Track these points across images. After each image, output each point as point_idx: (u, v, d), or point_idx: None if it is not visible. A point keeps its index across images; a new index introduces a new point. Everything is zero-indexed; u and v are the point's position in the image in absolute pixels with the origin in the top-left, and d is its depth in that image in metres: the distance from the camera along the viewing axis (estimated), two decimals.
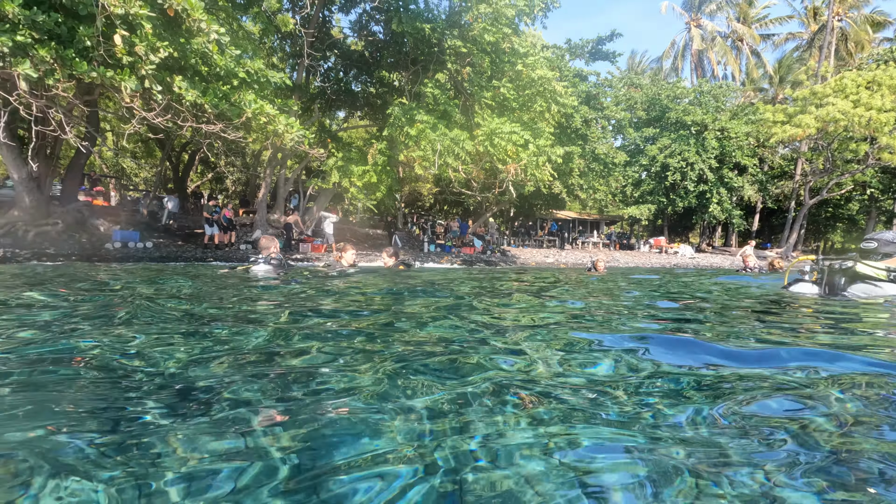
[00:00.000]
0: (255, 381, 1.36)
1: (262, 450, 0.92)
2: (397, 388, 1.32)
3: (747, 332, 2.22)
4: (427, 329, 2.27)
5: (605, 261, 10.25)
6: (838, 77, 25.87)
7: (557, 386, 1.35)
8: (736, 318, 2.57)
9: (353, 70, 18.00)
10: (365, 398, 1.24)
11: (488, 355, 1.69)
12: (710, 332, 2.24)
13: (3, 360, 1.55)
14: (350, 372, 1.48)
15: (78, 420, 1.08)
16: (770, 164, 35.38)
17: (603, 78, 29.28)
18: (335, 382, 1.39)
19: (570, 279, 7.17)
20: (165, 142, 20.05)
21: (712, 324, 2.48)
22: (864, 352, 1.76)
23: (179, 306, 2.93)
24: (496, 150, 13.71)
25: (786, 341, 1.98)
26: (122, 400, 1.24)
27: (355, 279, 5.35)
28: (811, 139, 26.83)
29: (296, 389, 1.31)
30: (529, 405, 1.18)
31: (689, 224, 38.59)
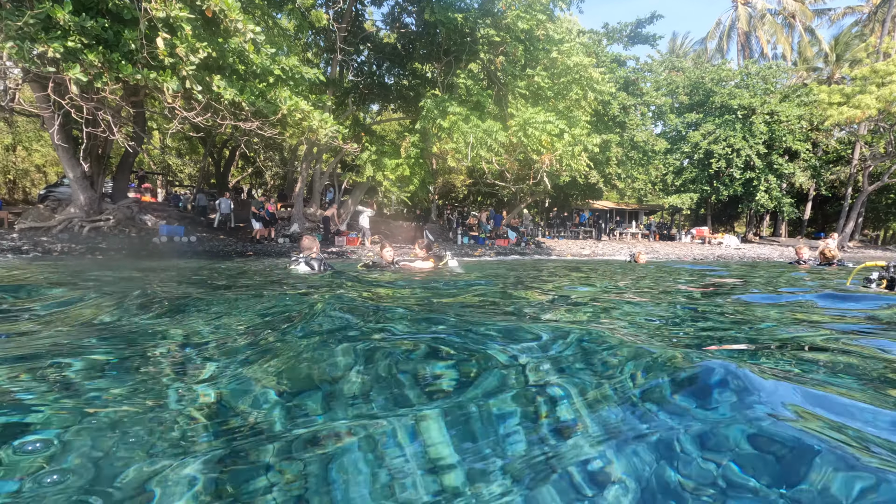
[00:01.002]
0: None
1: None
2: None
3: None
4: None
5: (645, 253, 9.93)
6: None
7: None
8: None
9: (385, 63, 18.01)
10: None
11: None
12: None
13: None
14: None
15: None
16: (824, 149, 33.31)
17: (642, 62, 28.20)
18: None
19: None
20: (207, 139, 20.74)
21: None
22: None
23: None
24: (530, 141, 13.45)
25: None
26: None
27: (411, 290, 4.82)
28: (871, 121, 25.03)
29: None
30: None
31: (734, 213, 36.93)
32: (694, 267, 9.56)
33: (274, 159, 30.06)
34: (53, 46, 7.48)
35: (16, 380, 1.40)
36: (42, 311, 2.81)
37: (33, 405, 1.24)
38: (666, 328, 2.37)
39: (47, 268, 6.72)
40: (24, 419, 1.15)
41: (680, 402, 1.15)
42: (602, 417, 1.15)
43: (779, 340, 2.02)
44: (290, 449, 1.04)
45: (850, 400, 1.16)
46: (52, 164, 27.80)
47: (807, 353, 1.80)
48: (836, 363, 1.63)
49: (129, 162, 15.38)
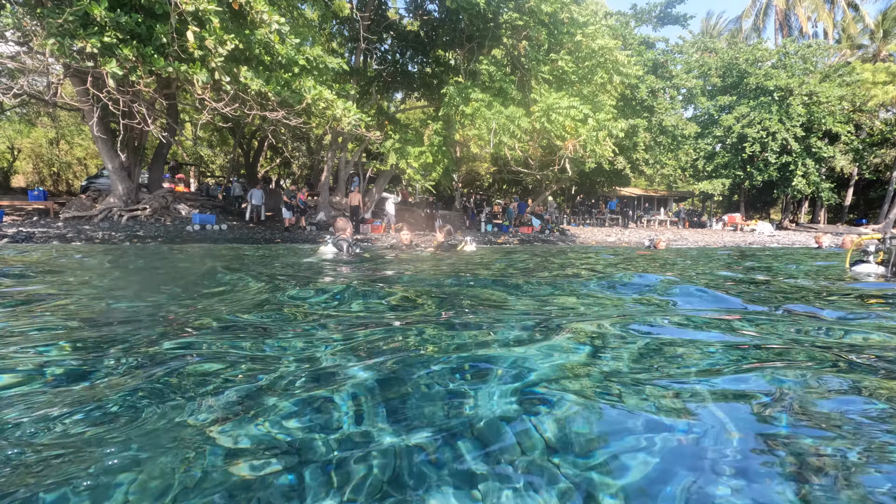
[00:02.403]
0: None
1: None
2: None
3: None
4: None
5: (665, 240, 9.79)
6: None
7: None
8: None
9: (409, 51, 18.05)
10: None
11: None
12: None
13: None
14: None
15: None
16: (868, 131, 31.70)
17: (673, 44, 27.33)
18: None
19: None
20: (236, 130, 21.28)
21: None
22: None
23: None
24: (553, 127, 13.32)
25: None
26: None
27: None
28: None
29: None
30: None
31: (769, 199, 35.66)
32: (721, 253, 9.40)
33: (301, 149, 30.56)
34: (91, 42, 7.84)
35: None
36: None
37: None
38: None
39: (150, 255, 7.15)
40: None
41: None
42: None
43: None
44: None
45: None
46: (93, 156, 29.04)
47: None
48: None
49: (164, 153, 15.96)
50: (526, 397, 1.07)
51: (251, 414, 1.00)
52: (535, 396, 1.07)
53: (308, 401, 1.07)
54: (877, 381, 1.19)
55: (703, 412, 1.02)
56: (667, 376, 1.27)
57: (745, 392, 1.12)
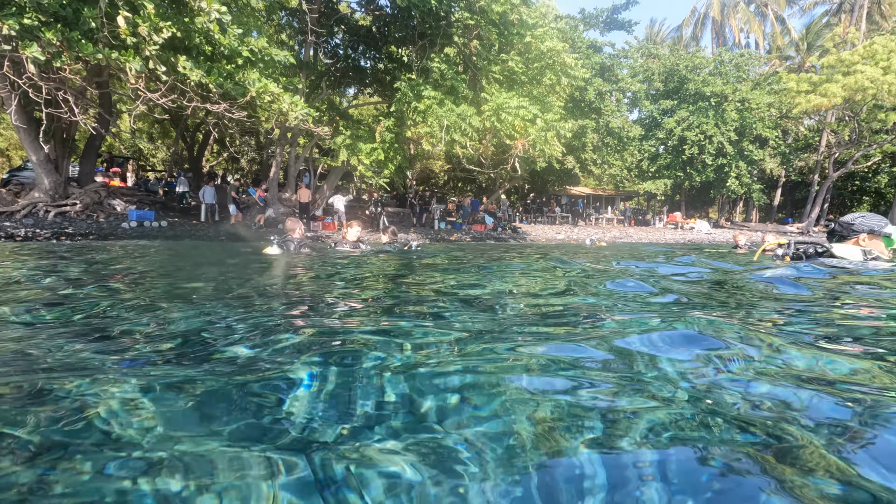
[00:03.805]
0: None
1: None
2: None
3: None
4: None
5: (605, 239, 10.20)
6: (868, 43, 24.68)
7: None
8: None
9: (360, 46, 17.83)
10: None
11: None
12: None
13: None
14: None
15: None
16: (794, 136, 34.21)
17: (619, 48, 28.41)
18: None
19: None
20: (178, 122, 20.28)
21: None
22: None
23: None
24: (503, 126, 13.56)
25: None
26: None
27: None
28: (837, 109, 25.80)
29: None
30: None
31: (707, 199, 37.75)
32: (647, 248, 9.88)
33: (250, 144, 29.56)
34: (8, 23, 7.27)
35: None
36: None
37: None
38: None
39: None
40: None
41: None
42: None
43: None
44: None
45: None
46: (16, 147, 26.88)
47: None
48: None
49: (96, 145, 15.01)
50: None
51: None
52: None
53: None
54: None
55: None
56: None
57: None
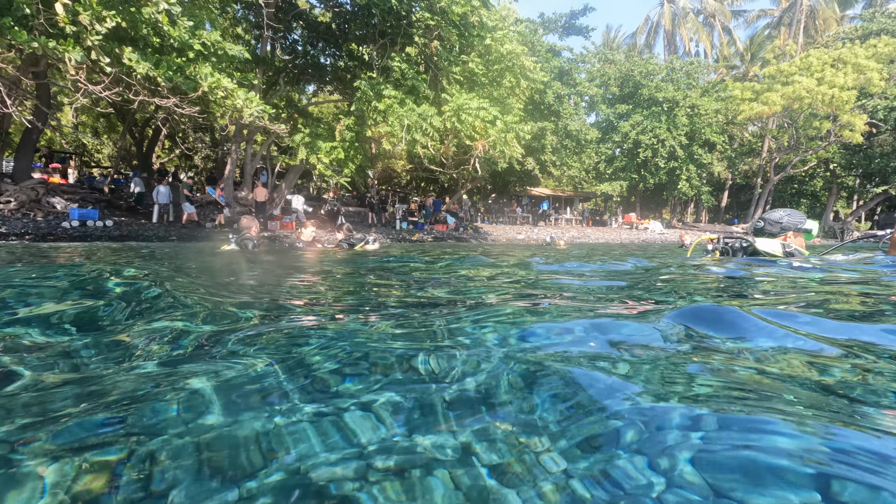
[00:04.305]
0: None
1: None
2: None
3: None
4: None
5: (566, 239, 10.45)
6: (804, 55, 26.34)
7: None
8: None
9: (320, 42, 17.53)
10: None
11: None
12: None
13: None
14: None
15: None
16: (739, 141, 36.07)
17: (577, 53, 29.17)
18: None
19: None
20: (126, 116, 19.33)
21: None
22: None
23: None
24: (463, 127, 13.65)
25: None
26: None
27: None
28: (777, 116, 27.40)
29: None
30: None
31: (660, 200, 39.30)
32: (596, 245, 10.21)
33: (204, 140, 28.51)
34: None
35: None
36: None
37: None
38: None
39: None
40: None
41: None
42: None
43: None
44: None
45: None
46: None
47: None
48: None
49: (33, 139, 14.10)
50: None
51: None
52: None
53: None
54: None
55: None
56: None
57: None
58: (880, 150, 29.17)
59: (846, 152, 30.41)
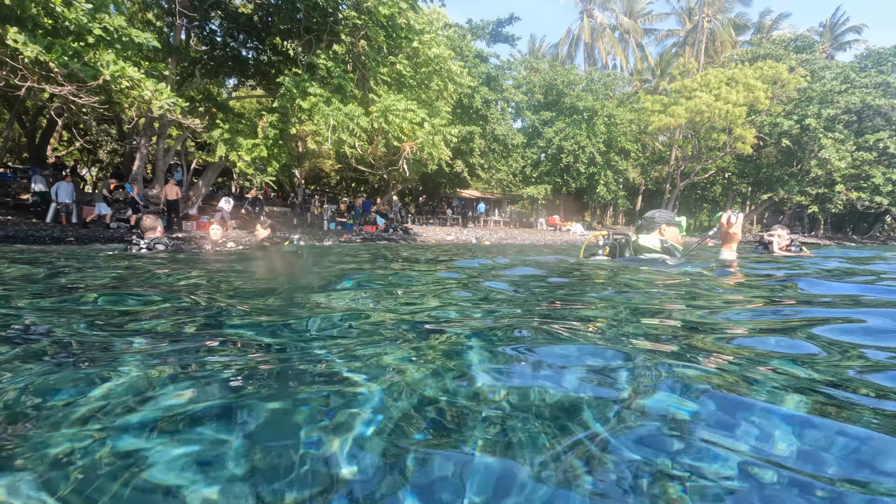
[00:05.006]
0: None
1: None
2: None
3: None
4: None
5: (491, 240, 10.79)
6: (704, 73, 29.03)
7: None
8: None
9: (241, 34, 16.76)
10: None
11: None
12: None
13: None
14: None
15: None
16: (651, 150, 38.99)
17: (504, 60, 30.10)
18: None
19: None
20: (14, 103, 17.32)
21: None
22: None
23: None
24: (391, 128, 13.67)
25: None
26: None
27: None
28: (682, 128, 29.96)
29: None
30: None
31: (582, 204, 41.55)
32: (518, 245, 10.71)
33: (110, 133, 26.19)
34: None
35: None
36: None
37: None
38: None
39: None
40: None
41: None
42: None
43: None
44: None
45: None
46: None
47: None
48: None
49: None
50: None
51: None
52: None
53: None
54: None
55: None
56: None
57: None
58: (767, 161, 32.84)
59: (739, 162, 33.89)
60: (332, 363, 1.06)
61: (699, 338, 1.31)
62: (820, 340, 1.24)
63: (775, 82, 28.51)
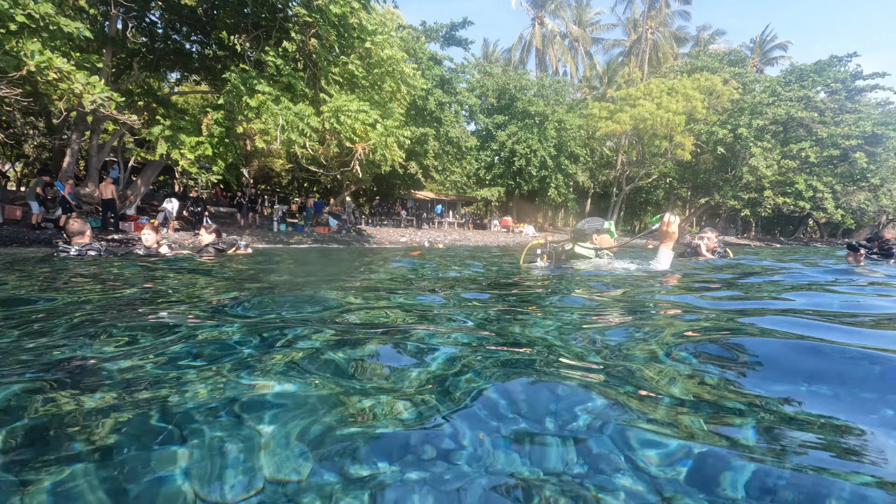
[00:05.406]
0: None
1: None
2: None
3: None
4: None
5: (444, 242, 10.89)
6: (647, 82, 30.47)
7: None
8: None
9: (184, 27, 16.05)
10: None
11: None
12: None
13: None
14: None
15: None
16: (599, 155, 40.48)
17: (458, 63, 30.36)
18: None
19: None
20: None
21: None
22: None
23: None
24: (343, 129, 13.51)
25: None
26: None
27: None
28: (627, 135, 31.30)
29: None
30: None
31: (534, 206, 42.56)
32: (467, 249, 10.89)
33: (37, 126, 24.33)
34: None
35: None
36: None
37: None
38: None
39: None
40: None
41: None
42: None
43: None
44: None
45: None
46: None
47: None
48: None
49: None
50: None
51: None
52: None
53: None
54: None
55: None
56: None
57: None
58: (704, 167, 34.86)
59: (680, 168, 35.79)
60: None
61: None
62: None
63: (711, 93, 30.34)
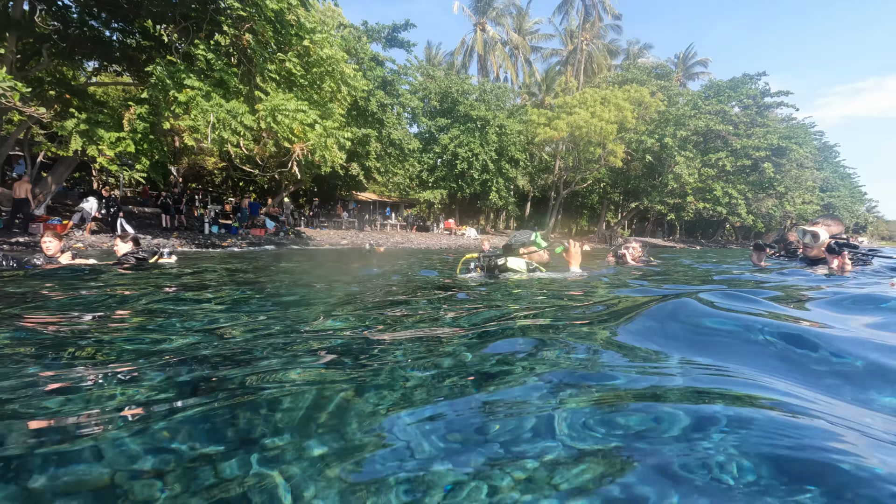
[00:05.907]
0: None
1: None
2: None
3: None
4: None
5: (386, 244, 10.84)
6: (582, 92, 31.88)
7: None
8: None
9: (103, 13, 14.89)
10: None
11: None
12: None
13: None
14: None
15: None
16: (538, 159, 41.81)
17: (401, 65, 30.28)
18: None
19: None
20: None
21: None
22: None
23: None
24: (280, 128, 13.08)
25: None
26: None
27: None
28: (564, 141, 32.57)
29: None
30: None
31: (476, 209, 43.23)
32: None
33: None
34: None
35: None
36: None
37: None
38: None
39: None
40: None
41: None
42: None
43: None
44: None
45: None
46: None
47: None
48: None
49: None
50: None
51: None
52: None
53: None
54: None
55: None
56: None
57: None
58: (634, 174, 36.95)
59: (612, 174, 37.65)
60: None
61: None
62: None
63: (640, 104, 32.23)
